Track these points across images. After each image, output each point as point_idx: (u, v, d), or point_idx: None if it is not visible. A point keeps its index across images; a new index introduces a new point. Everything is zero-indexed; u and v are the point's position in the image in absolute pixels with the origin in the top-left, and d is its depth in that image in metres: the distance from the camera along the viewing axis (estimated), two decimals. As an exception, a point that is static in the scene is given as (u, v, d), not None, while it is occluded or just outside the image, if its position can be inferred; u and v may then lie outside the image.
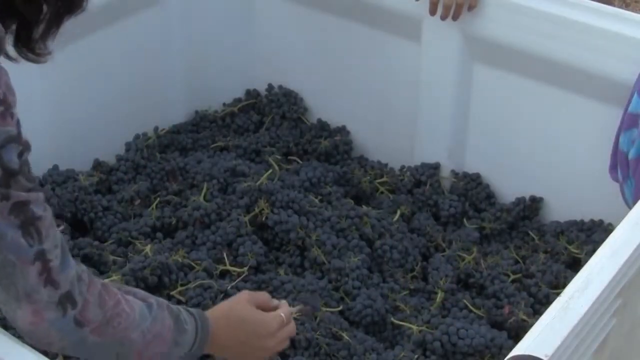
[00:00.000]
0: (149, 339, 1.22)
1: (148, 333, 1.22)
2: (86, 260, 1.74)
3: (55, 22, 1.10)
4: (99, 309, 1.15)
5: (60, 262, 1.10)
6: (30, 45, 1.09)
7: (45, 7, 1.07)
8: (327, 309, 1.69)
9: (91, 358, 1.23)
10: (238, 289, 1.70)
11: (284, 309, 1.45)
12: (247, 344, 1.39)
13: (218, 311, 1.39)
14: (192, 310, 1.31)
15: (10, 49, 1.10)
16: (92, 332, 1.14)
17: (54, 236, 1.10)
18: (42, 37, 1.10)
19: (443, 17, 1.89)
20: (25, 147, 1.05)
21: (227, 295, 1.67)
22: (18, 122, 1.04)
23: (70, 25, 1.97)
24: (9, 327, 1.58)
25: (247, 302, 1.41)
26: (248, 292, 1.46)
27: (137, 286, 1.65)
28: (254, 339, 1.40)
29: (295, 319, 1.61)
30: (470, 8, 1.87)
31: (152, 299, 1.25)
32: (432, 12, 1.89)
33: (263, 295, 1.47)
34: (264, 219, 1.85)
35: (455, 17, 1.88)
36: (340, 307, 1.72)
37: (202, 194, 1.92)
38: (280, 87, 2.30)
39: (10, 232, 1.05)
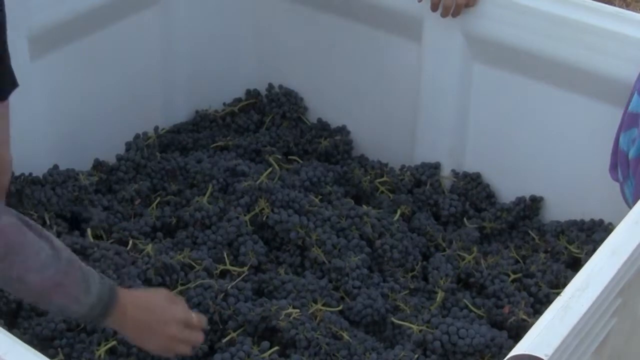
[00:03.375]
0: (48, 285, 1.30)
1: (48, 280, 1.29)
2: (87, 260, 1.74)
3: None
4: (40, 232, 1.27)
5: None
6: None
7: None
8: (327, 309, 1.69)
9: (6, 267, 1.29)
10: (238, 288, 1.70)
11: (197, 314, 1.51)
12: (150, 327, 1.43)
13: (134, 291, 1.48)
14: (107, 279, 1.38)
15: None
16: (32, 233, 1.25)
17: None
18: None
19: (443, 16, 1.89)
20: None
21: (227, 294, 1.68)
22: None
23: (71, 24, 1.98)
24: (9, 327, 1.59)
25: (164, 293, 1.49)
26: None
27: (141, 286, 1.66)
28: (158, 323, 1.44)
29: (295, 318, 1.61)
30: (468, 6, 1.87)
31: (66, 253, 1.32)
32: (434, 9, 1.90)
33: (181, 300, 1.53)
34: (264, 218, 1.85)
35: (455, 15, 1.88)
36: (341, 307, 1.72)
37: (206, 196, 1.91)
38: (280, 86, 2.30)
39: None
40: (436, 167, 2.09)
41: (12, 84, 1.64)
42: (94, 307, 1.35)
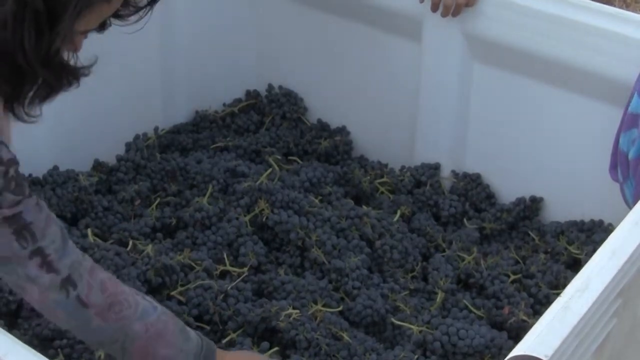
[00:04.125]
0: (151, 335, 1.29)
1: (151, 327, 1.29)
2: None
3: (49, 92, 1.18)
4: (100, 293, 1.25)
5: (60, 252, 1.21)
6: (22, 108, 1.17)
7: (40, 80, 1.14)
8: (327, 309, 1.69)
9: (99, 344, 1.33)
10: (238, 289, 1.70)
11: None
12: None
13: (226, 351, 1.46)
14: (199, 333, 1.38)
15: None
16: (96, 315, 1.25)
17: (50, 233, 1.21)
18: (31, 104, 1.18)
19: (444, 15, 1.89)
20: (9, 165, 1.15)
21: (227, 295, 1.68)
22: (0, 143, 1.15)
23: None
24: (9, 328, 1.59)
25: (257, 356, 1.51)
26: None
27: (141, 287, 1.66)
28: None
29: (295, 319, 1.61)
30: (468, 5, 1.87)
31: (157, 304, 1.32)
32: (434, 9, 1.90)
33: None
34: (264, 219, 1.85)
35: (455, 14, 1.88)
36: (341, 308, 1.72)
37: (206, 197, 1.91)
38: (280, 87, 2.30)
39: (3, 239, 1.16)
40: (436, 167, 2.09)
41: None
42: (197, 357, 1.34)
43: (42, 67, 1.11)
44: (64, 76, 1.17)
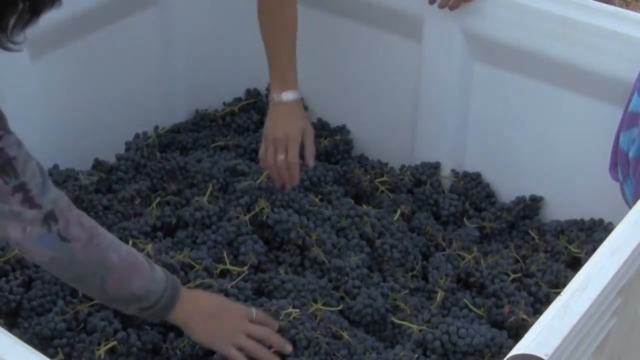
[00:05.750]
0: (126, 265, 1.37)
1: (126, 258, 1.38)
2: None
3: (30, 15, 1.14)
4: (80, 227, 1.32)
5: (41, 187, 1.27)
6: (6, 36, 1.14)
7: (20, 3, 1.12)
8: (327, 309, 1.69)
9: (78, 279, 1.38)
10: (238, 288, 1.70)
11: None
12: (217, 317, 1.50)
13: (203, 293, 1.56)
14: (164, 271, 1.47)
15: None
16: (80, 249, 1.31)
17: (31, 169, 1.26)
18: (16, 28, 1.15)
19: (441, 7, 1.89)
20: None
21: (227, 294, 1.68)
22: None
23: (70, 24, 1.97)
24: (9, 327, 1.59)
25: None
26: None
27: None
28: (225, 312, 1.52)
29: (295, 318, 1.61)
30: (467, 0, 1.87)
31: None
32: (431, 1, 1.90)
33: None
34: (264, 218, 1.85)
35: (452, 8, 1.88)
36: (341, 307, 1.72)
37: (206, 196, 1.91)
38: (280, 86, 2.30)
39: None
40: (436, 166, 2.09)
41: None
42: (166, 289, 1.42)
43: None
44: None
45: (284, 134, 1.84)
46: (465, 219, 2.00)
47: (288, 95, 1.85)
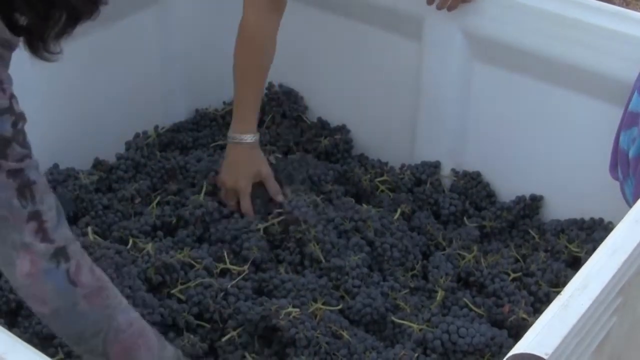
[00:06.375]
0: (134, 331, 1.26)
1: (134, 323, 1.26)
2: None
3: (69, 25, 1.13)
4: (90, 274, 1.23)
5: (56, 222, 1.20)
6: (42, 45, 1.13)
7: (58, 12, 1.10)
8: (327, 308, 1.69)
9: (79, 337, 1.25)
10: (238, 287, 1.70)
11: None
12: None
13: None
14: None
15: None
16: (84, 297, 1.21)
17: (49, 200, 1.20)
18: (55, 39, 1.14)
19: (439, 8, 1.89)
20: (19, 118, 1.15)
21: (227, 293, 1.68)
22: (12, 96, 1.15)
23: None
24: (9, 327, 1.59)
25: None
26: None
27: (141, 285, 1.66)
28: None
29: (295, 317, 1.61)
30: (466, 1, 1.87)
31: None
32: (430, 1, 1.90)
33: None
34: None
35: (450, 8, 1.88)
36: (340, 306, 1.72)
37: (202, 194, 1.92)
38: (280, 85, 2.30)
39: (5, 194, 1.14)
40: (436, 166, 2.09)
41: None
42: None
43: None
44: None
45: (233, 184, 1.87)
46: (465, 218, 2.00)
47: (247, 138, 1.87)
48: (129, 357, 1.26)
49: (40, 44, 1.11)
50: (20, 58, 1.83)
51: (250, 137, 1.88)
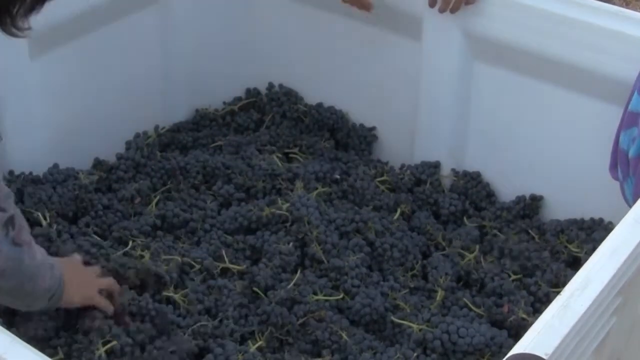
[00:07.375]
0: (44, 260, 1.40)
1: (44, 252, 1.42)
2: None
3: (37, 2, 1.15)
4: (26, 232, 1.34)
5: (6, 192, 1.30)
6: (9, 21, 1.14)
7: None
8: (328, 298, 1.69)
9: (18, 287, 1.37)
10: (237, 286, 1.70)
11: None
12: (81, 279, 1.55)
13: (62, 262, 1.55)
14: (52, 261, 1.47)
15: None
16: (27, 253, 1.32)
17: None
18: (23, 15, 1.14)
19: (441, 10, 1.89)
20: None
21: (227, 293, 1.68)
22: None
23: (71, 23, 1.97)
24: (8, 327, 1.58)
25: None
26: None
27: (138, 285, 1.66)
28: (85, 276, 1.57)
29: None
30: (468, 3, 1.87)
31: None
32: (432, 4, 1.90)
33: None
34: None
35: (453, 10, 1.88)
36: (340, 297, 1.71)
37: (200, 192, 1.92)
38: (280, 85, 2.30)
39: None
40: (436, 166, 2.09)
41: None
42: (57, 288, 1.44)
43: None
44: None
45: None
46: (465, 218, 2.00)
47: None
48: (46, 280, 1.41)
49: (8, 19, 1.12)
50: (21, 58, 1.84)
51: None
